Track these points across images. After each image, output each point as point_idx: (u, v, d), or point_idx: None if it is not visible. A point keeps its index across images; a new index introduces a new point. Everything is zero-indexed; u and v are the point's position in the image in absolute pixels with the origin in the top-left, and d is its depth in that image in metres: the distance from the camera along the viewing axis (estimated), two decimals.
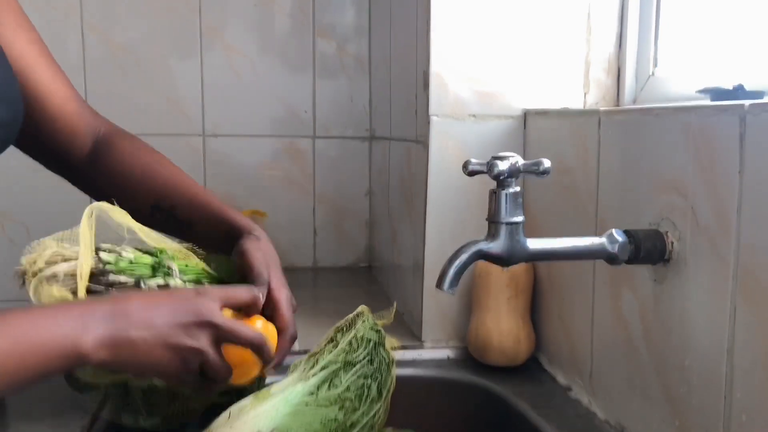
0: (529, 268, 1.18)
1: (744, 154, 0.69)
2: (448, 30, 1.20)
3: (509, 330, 1.15)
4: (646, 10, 1.20)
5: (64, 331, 0.65)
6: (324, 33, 1.86)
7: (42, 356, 0.63)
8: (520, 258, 0.82)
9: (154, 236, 0.91)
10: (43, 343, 0.63)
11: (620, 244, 0.82)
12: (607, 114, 0.98)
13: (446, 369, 1.20)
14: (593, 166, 1.00)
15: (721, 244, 0.73)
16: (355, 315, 1.00)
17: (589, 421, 0.99)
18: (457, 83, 1.21)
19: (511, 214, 0.81)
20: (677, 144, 0.80)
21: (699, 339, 0.77)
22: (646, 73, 1.20)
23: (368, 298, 1.62)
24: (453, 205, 1.23)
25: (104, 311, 0.68)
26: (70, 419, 0.98)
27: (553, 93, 1.23)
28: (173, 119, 1.81)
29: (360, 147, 1.89)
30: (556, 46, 1.23)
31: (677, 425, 0.81)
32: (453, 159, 1.22)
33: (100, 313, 0.68)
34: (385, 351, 0.98)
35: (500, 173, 0.80)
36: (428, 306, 1.26)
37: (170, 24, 1.79)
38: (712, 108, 0.76)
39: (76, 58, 1.76)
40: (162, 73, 1.79)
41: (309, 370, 0.92)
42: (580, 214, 1.04)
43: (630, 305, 0.91)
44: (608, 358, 0.98)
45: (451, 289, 0.79)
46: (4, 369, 0.60)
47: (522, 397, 1.07)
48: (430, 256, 1.24)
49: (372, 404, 0.93)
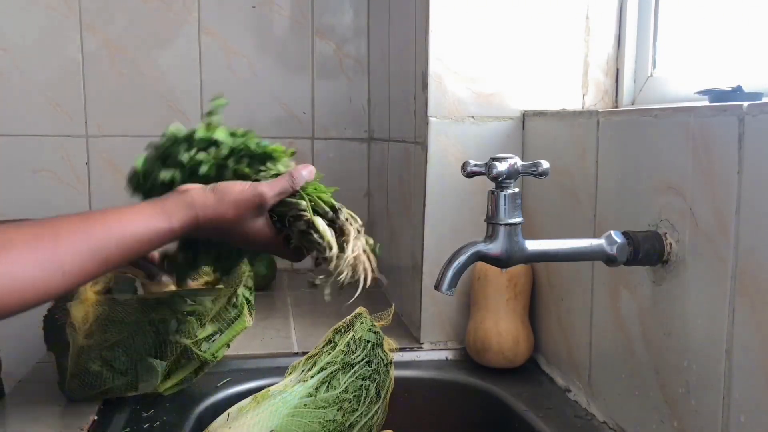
0: (527, 269, 1.18)
1: (743, 155, 0.70)
2: (446, 31, 1.20)
3: (508, 331, 1.15)
4: (644, 11, 1.20)
5: (155, 223, 0.79)
6: (323, 34, 1.86)
7: (138, 241, 0.77)
8: (518, 259, 0.82)
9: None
10: (139, 232, 0.77)
11: (619, 245, 0.82)
12: (606, 115, 0.98)
13: (445, 370, 1.20)
14: (592, 167, 1.00)
15: (719, 245, 0.73)
16: (353, 316, 1.00)
17: (587, 423, 0.99)
18: (455, 84, 1.21)
19: (509, 216, 0.81)
20: (676, 145, 0.80)
21: (698, 340, 0.77)
22: (644, 74, 1.20)
23: (366, 300, 1.62)
24: (451, 207, 1.23)
25: (177, 202, 0.83)
26: (70, 419, 0.98)
27: (551, 94, 1.24)
28: (173, 120, 1.80)
29: (358, 148, 1.89)
30: (555, 47, 1.23)
31: (676, 426, 0.81)
32: (452, 160, 1.22)
33: (174, 204, 0.82)
34: (383, 352, 0.98)
35: (499, 174, 0.80)
36: (427, 307, 1.26)
37: (169, 25, 1.79)
38: (710, 109, 0.76)
39: (75, 59, 1.76)
40: (160, 74, 1.79)
41: (307, 372, 0.92)
42: (579, 215, 1.04)
43: (629, 306, 0.91)
44: (607, 360, 0.98)
45: (450, 291, 0.79)
46: (108, 254, 0.73)
47: (521, 398, 1.07)
48: (428, 258, 1.24)
49: (370, 405, 0.93)
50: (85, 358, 0.98)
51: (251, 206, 0.85)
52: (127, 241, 0.75)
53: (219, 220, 0.84)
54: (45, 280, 0.66)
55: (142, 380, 1.00)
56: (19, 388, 1.10)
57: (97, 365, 0.98)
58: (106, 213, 0.76)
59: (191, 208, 0.83)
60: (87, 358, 0.98)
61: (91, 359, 0.98)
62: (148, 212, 0.79)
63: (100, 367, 0.98)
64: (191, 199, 0.83)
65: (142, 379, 1.00)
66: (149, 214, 0.79)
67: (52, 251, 0.67)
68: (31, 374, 1.15)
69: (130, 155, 1.91)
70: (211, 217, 0.84)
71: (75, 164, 1.78)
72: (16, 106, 1.75)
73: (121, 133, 1.79)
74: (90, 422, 0.98)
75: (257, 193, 0.86)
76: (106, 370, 0.98)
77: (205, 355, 1.04)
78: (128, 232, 0.76)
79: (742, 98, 0.84)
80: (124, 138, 1.79)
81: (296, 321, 1.45)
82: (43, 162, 1.76)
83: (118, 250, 0.74)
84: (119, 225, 0.76)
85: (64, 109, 1.77)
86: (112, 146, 1.79)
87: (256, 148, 0.95)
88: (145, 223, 0.78)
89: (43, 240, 0.68)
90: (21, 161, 1.76)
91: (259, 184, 0.87)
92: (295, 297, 1.64)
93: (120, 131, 1.79)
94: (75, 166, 1.78)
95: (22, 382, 1.12)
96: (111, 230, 0.74)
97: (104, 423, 0.98)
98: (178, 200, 0.83)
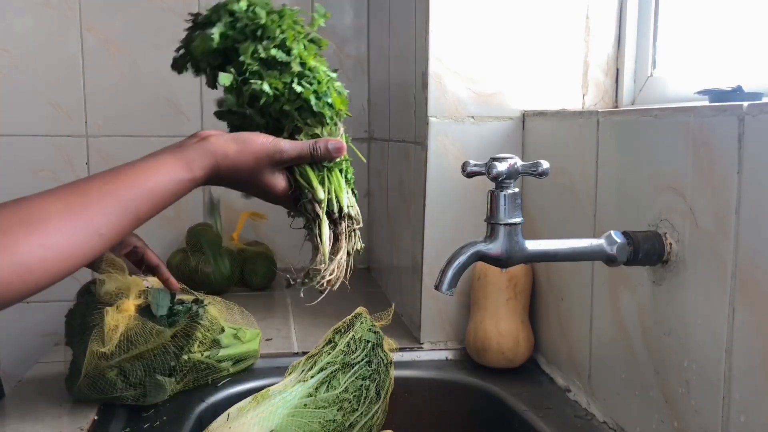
0: (527, 269, 1.18)
1: (743, 154, 0.70)
2: (446, 31, 1.20)
3: (508, 331, 1.15)
4: (644, 11, 1.20)
5: (178, 174, 0.81)
6: (323, 34, 1.85)
7: (165, 193, 0.80)
8: (518, 259, 0.82)
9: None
10: (166, 186, 0.80)
11: (619, 245, 0.82)
12: (606, 115, 0.98)
13: (445, 370, 1.20)
14: (592, 167, 1.00)
15: (719, 245, 0.73)
16: (353, 316, 1.00)
17: (587, 423, 0.99)
18: (455, 84, 1.21)
19: (509, 215, 0.81)
20: (676, 145, 0.80)
21: (698, 340, 0.77)
22: (644, 74, 1.20)
23: (366, 300, 1.62)
24: (451, 207, 1.23)
25: (198, 150, 0.85)
26: (70, 419, 0.98)
27: (551, 94, 1.24)
28: (172, 120, 1.81)
29: (358, 148, 1.88)
30: (555, 47, 1.23)
31: (676, 426, 0.81)
32: (451, 160, 1.22)
33: (195, 152, 0.84)
34: (383, 352, 0.98)
35: (499, 174, 0.80)
36: (427, 307, 1.26)
37: (169, 25, 1.79)
38: (710, 109, 0.76)
39: (75, 59, 1.76)
40: (160, 75, 1.79)
41: (307, 372, 0.92)
42: (579, 215, 1.04)
43: (629, 306, 0.91)
44: (607, 360, 0.98)
45: (450, 291, 0.79)
46: (138, 210, 0.76)
47: (520, 398, 1.07)
48: (428, 258, 1.24)
49: (370, 405, 0.93)
50: (105, 364, 0.98)
51: (269, 159, 0.88)
52: (154, 195, 0.78)
53: (238, 169, 0.87)
54: (84, 245, 0.70)
55: (150, 395, 1.01)
56: (19, 388, 1.10)
57: (113, 373, 0.99)
58: (130, 169, 0.79)
59: (212, 156, 0.85)
60: (106, 365, 0.98)
61: (110, 367, 0.98)
62: (171, 163, 0.82)
63: (116, 376, 0.99)
64: (212, 147, 0.85)
65: (150, 395, 1.01)
66: (171, 164, 0.82)
67: (85, 217, 0.71)
68: (31, 374, 1.15)
69: (130, 155, 1.90)
70: (231, 165, 0.86)
71: (75, 164, 1.78)
72: (16, 106, 1.75)
73: (121, 133, 1.79)
74: (90, 422, 0.98)
75: (278, 148, 0.89)
76: (121, 380, 0.99)
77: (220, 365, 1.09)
78: (154, 185, 0.79)
79: (742, 98, 0.84)
80: (124, 138, 1.79)
81: (296, 321, 1.45)
82: (43, 162, 1.76)
83: (147, 204, 0.78)
84: (145, 180, 0.78)
85: (63, 109, 1.77)
86: (112, 146, 1.79)
87: (316, 104, 0.93)
88: (169, 175, 0.81)
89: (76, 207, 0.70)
90: (21, 161, 1.76)
91: (281, 141, 0.90)
92: (295, 297, 1.64)
93: (120, 131, 1.79)
94: (75, 166, 1.78)
95: (22, 382, 1.12)
96: (138, 186, 0.77)
97: (104, 423, 0.98)
98: (198, 148, 0.85)
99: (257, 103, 0.92)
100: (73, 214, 0.70)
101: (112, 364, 0.98)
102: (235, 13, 0.94)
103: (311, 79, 0.94)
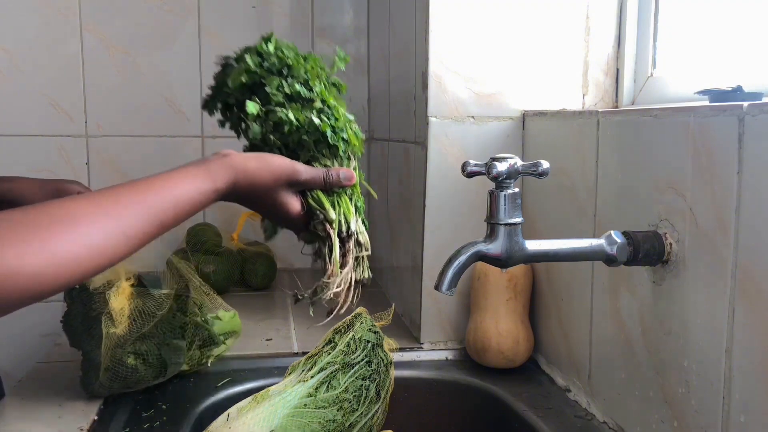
0: (527, 269, 1.18)
1: (743, 154, 0.70)
2: (446, 31, 1.20)
3: (508, 331, 1.15)
4: (644, 11, 1.20)
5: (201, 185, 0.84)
6: (323, 34, 1.86)
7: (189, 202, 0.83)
8: (518, 259, 0.82)
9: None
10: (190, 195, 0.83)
11: (619, 245, 0.82)
12: (606, 115, 0.98)
13: (445, 370, 1.20)
14: (592, 167, 1.00)
15: (719, 245, 0.73)
16: (353, 316, 1.00)
17: (587, 423, 0.99)
18: (455, 84, 1.21)
19: (509, 216, 0.81)
20: (676, 145, 0.80)
21: (698, 340, 0.77)
22: (644, 74, 1.20)
23: (366, 300, 1.62)
24: (451, 207, 1.23)
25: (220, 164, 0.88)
26: (70, 419, 0.98)
27: (551, 94, 1.24)
28: (172, 120, 1.81)
29: None
30: (555, 47, 1.23)
31: (676, 426, 0.81)
32: (452, 160, 1.22)
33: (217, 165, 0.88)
34: (383, 352, 0.98)
35: (499, 174, 0.80)
36: (427, 307, 1.26)
37: (169, 25, 1.79)
38: (710, 109, 0.76)
39: (75, 59, 1.76)
40: (160, 75, 1.79)
41: (307, 372, 0.92)
42: (579, 215, 1.04)
43: (629, 306, 0.91)
44: (607, 360, 0.98)
45: (450, 291, 0.79)
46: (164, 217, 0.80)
47: (520, 398, 1.07)
48: (428, 258, 1.24)
49: (370, 405, 0.93)
50: (121, 351, 1.01)
51: (287, 179, 0.92)
52: (178, 204, 0.82)
53: (256, 185, 0.90)
54: (113, 246, 0.73)
55: (171, 362, 1.05)
56: (19, 388, 1.10)
57: (132, 358, 1.02)
58: (157, 178, 0.83)
59: (233, 169, 0.88)
60: (123, 351, 1.01)
61: (126, 353, 1.02)
62: (194, 174, 0.85)
63: (135, 360, 1.02)
64: (233, 162, 0.89)
65: (171, 362, 1.05)
66: (195, 175, 0.85)
67: (115, 220, 0.74)
68: (31, 374, 1.15)
69: (130, 155, 1.90)
70: (250, 181, 0.90)
71: (75, 164, 1.78)
72: (16, 106, 1.75)
73: (121, 133, 1.79)
74: (90, 422, 0.98)
75: (295, 169, 0.93)
76: (141, 363, 1.03)
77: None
78: (179, 194, 0.82)
79: (742, 98, 0.84)
80: (124, 138, 1.79)
81: (296, 321, 1.45)
82: (42, 162, 1.76)
83: (172, 212, 0.81)
84: (171, 189, 0.82)
85: (63, 109, 1.77)
86: (112, 146, 1.79)
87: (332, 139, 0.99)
88: (193, 185, 0.84)
89: (107, 210, 0.74)
90: (21, 161, 1.76)
91: (298, 163, 0.95)
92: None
93: (120, 131, 1.79)
94: (75, 166, 1.78)
95: (22, 382, 1.12)
96: (164, 195, 0.81)
97: (104, 423, 0.98)
98: (220, 162, 0.88)
99: (278, 132, 0.98)
100: (105, 216, 0.74)
101: (128, 349, 1.01)
102: (263, 54, 1.01)
103: (330, 115, 1.01)
